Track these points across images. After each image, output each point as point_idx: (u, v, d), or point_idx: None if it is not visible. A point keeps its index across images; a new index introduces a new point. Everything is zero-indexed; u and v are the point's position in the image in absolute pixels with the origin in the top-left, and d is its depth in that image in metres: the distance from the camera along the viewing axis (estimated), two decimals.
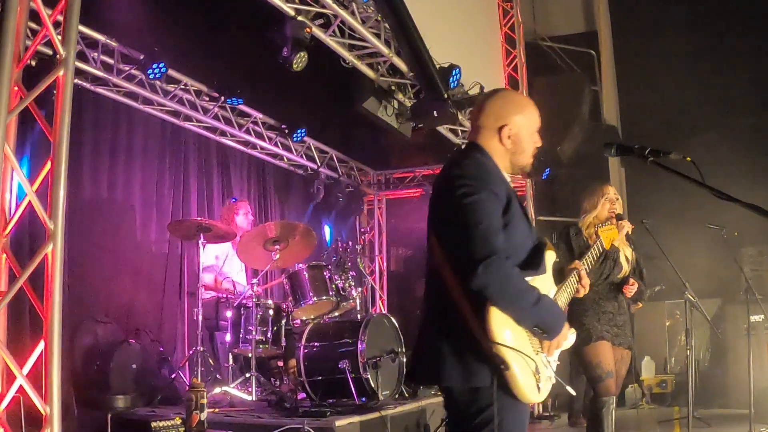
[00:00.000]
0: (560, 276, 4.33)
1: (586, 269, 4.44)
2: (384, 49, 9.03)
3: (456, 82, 9.50)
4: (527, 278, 3.70)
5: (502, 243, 3.60)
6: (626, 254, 6.81)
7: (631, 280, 6.80)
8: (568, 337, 3.91)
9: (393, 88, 9.98)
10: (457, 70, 9.41)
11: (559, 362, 3.96)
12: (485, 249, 3.52)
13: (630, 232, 6.68)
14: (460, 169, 3.76)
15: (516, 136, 3.94)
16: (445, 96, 9.42)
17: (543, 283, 3.88)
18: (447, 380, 3.68)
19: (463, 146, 4.11)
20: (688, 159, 3.76)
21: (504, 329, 3.56)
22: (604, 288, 6.78)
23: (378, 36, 8.93)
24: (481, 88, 10.50)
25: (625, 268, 6.80)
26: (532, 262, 3.85)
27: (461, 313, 3.63)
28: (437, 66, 9.17)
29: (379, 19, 8.74)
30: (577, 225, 6.83)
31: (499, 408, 3.58)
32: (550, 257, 4.05)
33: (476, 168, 3.77)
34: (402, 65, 9.38)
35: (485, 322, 3.54)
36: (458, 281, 3.62)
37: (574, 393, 4.25)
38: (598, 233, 5.02)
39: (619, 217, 6.68)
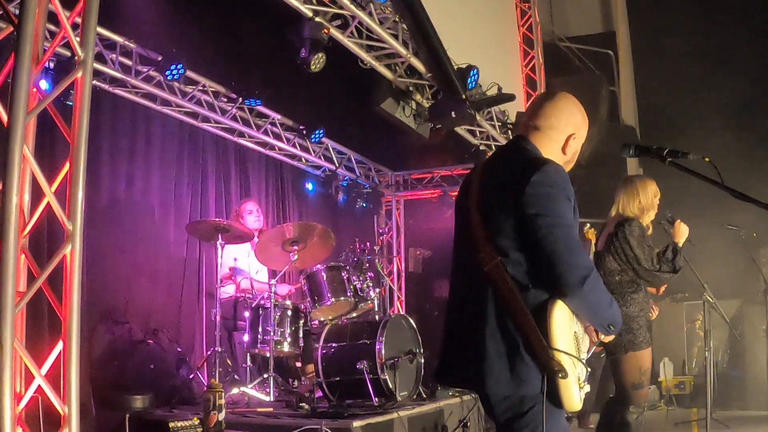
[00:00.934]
0: None
1: None
2: (402, 50, 9.02)
3: (474, 83, 9.48)
4: None
5: None
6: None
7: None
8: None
9: (411, 88, 9.96)
10: (475, 70, 9.39)
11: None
12: (586, 264, 3.55)
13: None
14: (543, 175, 3.63)
15: (575, 147, 3.95)
16: (463, 97, 9.41)
17: None
18: (494, 387, 3.62)
19: (516, 141, 3.99)
20: (707, 159, 3.75)
21: (563, 336, 3.54)
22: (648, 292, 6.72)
23: (396, 37, 8.92)
24: (499, 88, 10.49)
25: None
26: None
27: (514, 318, 3.57)
28: (455, 67, 9.15)
29: (397, 19, 8.73)
30: (637, 221, 6.60)
31: (545, 417, 3.53)
32: None
33: (558, 175, 3.68)
34: (420, 66, 9.36)
35: (547, 328, 3.51)
36: (517, 285, 3.58)
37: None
38: (588, 236, 4.93)
39: (671, 219, 6.65)
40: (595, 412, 9.07)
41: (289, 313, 9.01)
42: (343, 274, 9.14)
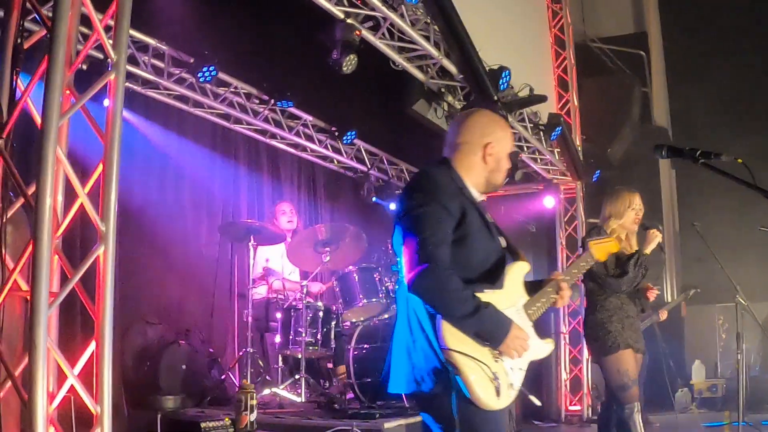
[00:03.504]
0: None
1: (567, 280, 4.33)
2: (433, 52, 9.01)
3: (506, 84, 9.45)
4: (484, 291, 3.78)
5: (445, 255, 3.73)
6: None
7: (648, 284, 6.82)
8: (527, 346, 3.85)
9: (443, 90, 9.94)
10: (507, 72, 9.36)
11: (521, 369, 3.91)
12: (423, 257, 3.67)
13: (662, 242, 6.69)
14: (411, 182, 4.05)
15: (497, 155, 4.07)
16: (495, 98, 9.38)
17: (504, 296, 3.92)
18: (412, 386, 3.82)
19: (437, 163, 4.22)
20: (739, 161, 3.74)
21: (456, 336, 3.66)
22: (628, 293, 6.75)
23: (427, 38, 8.90)
24: (531, 90, 10.45)
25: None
26: (490, 277, 3.92)
27: (418, 320, 3.79)
28: (487, 68, 9.13)
29: (429, 21, 8.72)
30: (600, 227, 6.75)
31: (461, 413, 3.65)
32: (521, 269, 4.08)
33: (426, 181, 3.94)
34: (451, 67, 9.34)
35: (436, 328, 3.67)
36: None
37: (539, 403, 4.24)
38: (590, 246, 4.90)
39: (646, 227, 6.68)
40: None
41: (321, 314, 9.03)
42: (375, 276, 9.15)
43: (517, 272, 4.05)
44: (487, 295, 3.77)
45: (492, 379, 3.68)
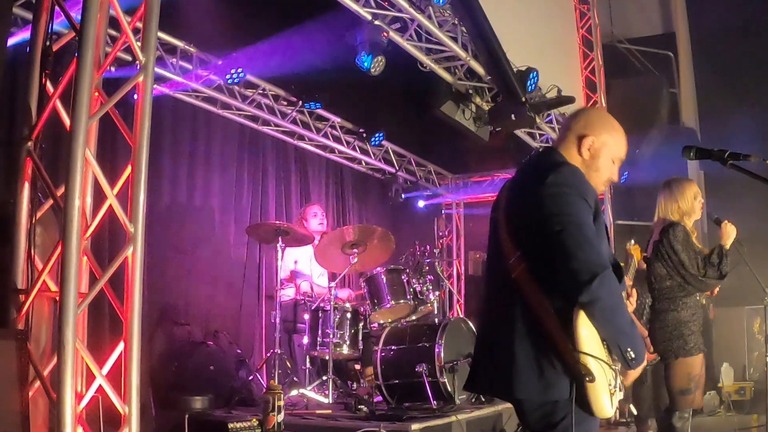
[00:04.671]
0: None
1: (634, 286, 4.31)
2: (461, 53, 9.00)
3: (533, 85, 9.43)
4: None
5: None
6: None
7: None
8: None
9: (470, 91, 9.93)
10: (535, 73, 9.34)
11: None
12: (599, 262, 3.45)
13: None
14: (557, 175, 3.66)
15: (596, 151, 3.88)
16: (523, 99, 9.36)
17: None
18: (521, 392, 3.61)
19: (540, 150, 4.11)
20: None
21: (590, 339, 3.48)
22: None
23: (455, 39, 8.90)
24: (559, 91, 10.41)
25: None
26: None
27: (542, 322, 3.56)
28: (514, 69, 9.11)
29: (456, 22, 8.72)
30: (681, 225, 6.53)
31: (575, 422, 3.51)
32: None
33: (573, 176, 3.69)
34: (479, 69, 9.33)
35: (574, 331, 3.47)
36: (543, 290, 3.57)
37: (635, 412, 4.22)
38: (630, 252, 4.87)
39: (717, 221, 6.54)
40: (651, 417, 8.95)
41: (349, 315, 9.02)
42: (402, 277, 9.13)
43: None
44: None
45: (610, 386, 3.55)
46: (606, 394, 3.50)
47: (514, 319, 3.64)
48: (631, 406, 4.15)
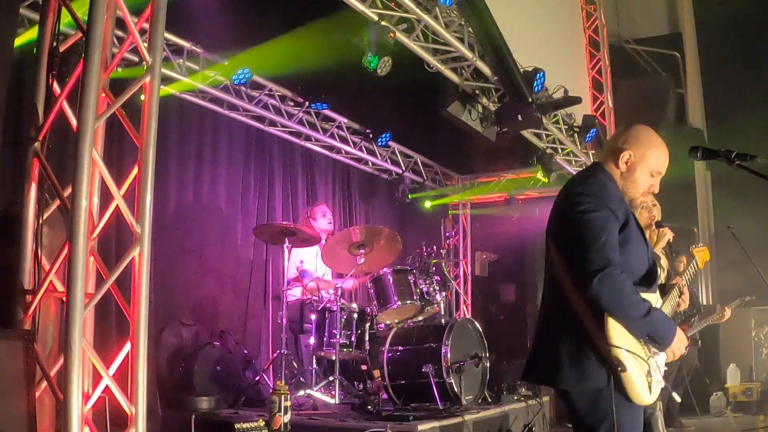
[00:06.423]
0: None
1: (687, 285, 4.49)
2: (468, 54, 8.99)
3: (540, 86, 9.42)
4: (640, 294, 3.90)
5: (618, 257, 3.85)
6: (661, 264, 6.69)
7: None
8: (684, 350, 4.07)
9: (477, 92, 9.92)
10: (541, 73, 9.33)
11: (667, 368, 4.14)
12: (601, 261, 3.80)
13: (671, 240, 6.63)
14: (582, 187, 4.08)
15: (632, 164, 4.16)
16: (530, 100, 9.34)
17: (654, 299, 4.09)
18: (564, 383, 3.98)
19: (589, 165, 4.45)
20: None
21: (620, 334, 3.84)
22: None
23: (461, 40, 8.89)
24: (565, 91, 10.40)
25: (662, 276, 6.65)
26: (646, 281, 4.09)
27: (579, 319, 3.94)
28: (521, 70, 9.10)
29: (463, 23, 8.71)
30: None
31: (615, 408, 3.83)
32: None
33: (597, 187, 4.06)
34: (486, 69, 9.32)
35: (604, 327, 3.83)
36: (577, 290, 3.89)
37: (679, 399, 4.41)
38: (693, 254, 5.01)
39: (659, 225, 6.63)
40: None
41: (355, 316, 9.02)
42: (409, 278, 9.14)
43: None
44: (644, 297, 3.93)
45: (647, 375, 3.89)
46: (642, 382, 3.88)
47: (557, 316, 4.10)
48: (675, 394, 4.37)
